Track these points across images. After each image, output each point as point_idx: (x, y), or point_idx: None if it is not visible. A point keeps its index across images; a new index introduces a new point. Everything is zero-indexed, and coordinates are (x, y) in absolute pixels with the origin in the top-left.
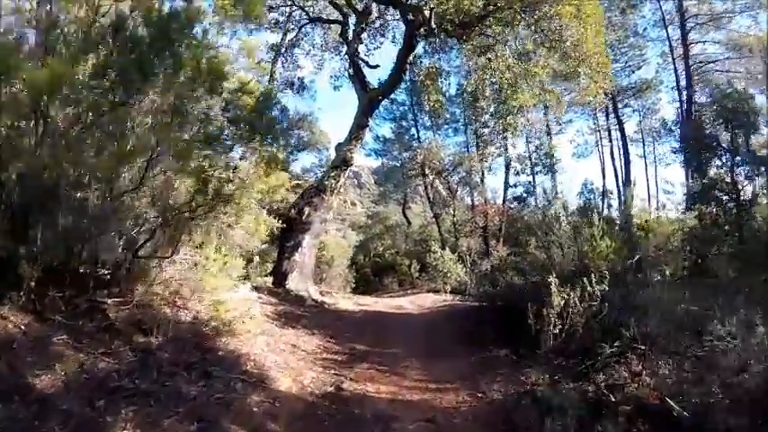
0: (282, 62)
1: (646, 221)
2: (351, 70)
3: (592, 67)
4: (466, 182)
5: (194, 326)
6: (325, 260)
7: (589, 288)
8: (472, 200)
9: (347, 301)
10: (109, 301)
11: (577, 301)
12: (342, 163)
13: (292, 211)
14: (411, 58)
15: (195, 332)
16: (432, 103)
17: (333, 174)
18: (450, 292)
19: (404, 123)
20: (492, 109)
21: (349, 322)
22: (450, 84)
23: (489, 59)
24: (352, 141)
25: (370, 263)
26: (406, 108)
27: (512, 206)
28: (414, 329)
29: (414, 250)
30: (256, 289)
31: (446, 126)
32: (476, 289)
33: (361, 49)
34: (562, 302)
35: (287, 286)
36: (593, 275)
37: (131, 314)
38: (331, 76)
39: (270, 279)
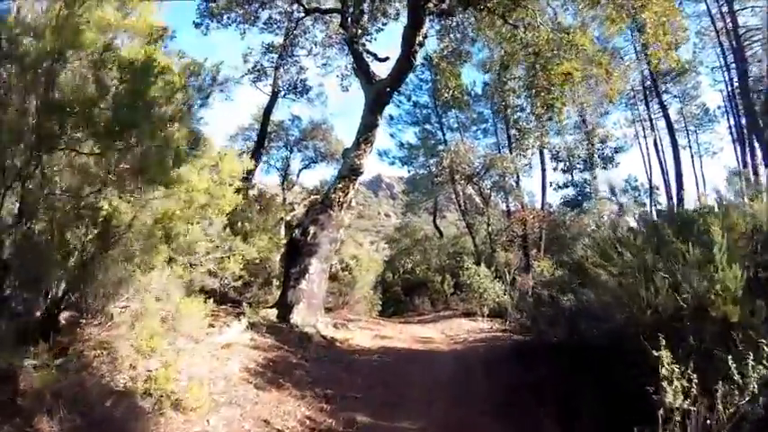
0: (283, 64)
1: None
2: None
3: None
4: (500, 186)
5: (126, 398)
6: (347, 281)
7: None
8: (507, 206)
9: (366, 334)
10: (26, 363)
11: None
12: (350, 172)
13: (296, 231)
14: (420, 38)
15: (128, 409)
16: (451, 91)
17: (340, 185)
18: (488, 316)
19: (428, 127)
20: (524, 84)
21: (358, 370)
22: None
23: (516, 26)
24: (360, 146)
25: (400, 280)
26: (429, 110)
27: (552, 209)
28: (439, 381)
29: (447, 264)
30: (252, 327)
31: (474, 127)
32: (518, 313)
33: (366, 40)
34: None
35: (291, 321)
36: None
37: (46, 383)
38: (337, 76)
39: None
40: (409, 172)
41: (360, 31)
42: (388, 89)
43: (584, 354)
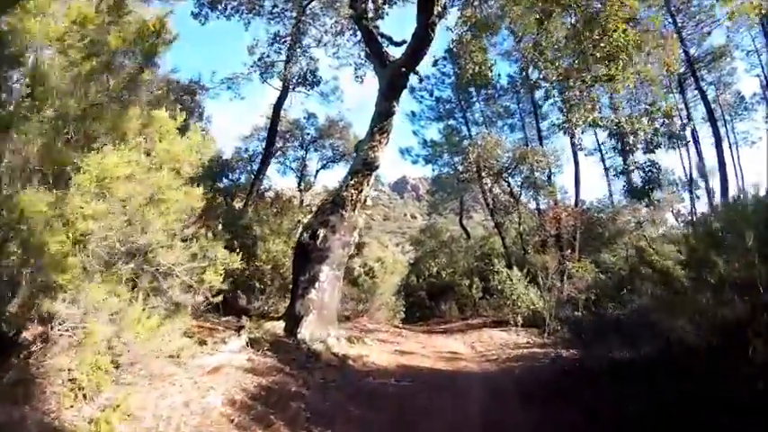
0: (292, 56)
1: None
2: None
3: None
4: (531, 182)
5: None
6: (366, 287)
7: None
8: (537, 204)
9: (384, 349)
10: None
11: None
12: (363, 166)
13: (304, 235)
14: (439, 7)
15: None
16: (476, 67)
17: (352, 182)
18: (522, 326)
19: (452, 123)
20: (569, 47)
21: (369, 399)
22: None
23: None
24: (374, 136)
25: (425, 284)
26: (452, 105)
27: (587, 206)
28: (469, 416)
29: (475, 267)
30: (253, 343)
31: (500, 123)
32: (557, 323)
33: (379, 15)
34: None
35: (299, 335)
36: None
37: None
38: (350, 64)
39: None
40: (433, 171)
41: (370, 6)
42: (404, 69)
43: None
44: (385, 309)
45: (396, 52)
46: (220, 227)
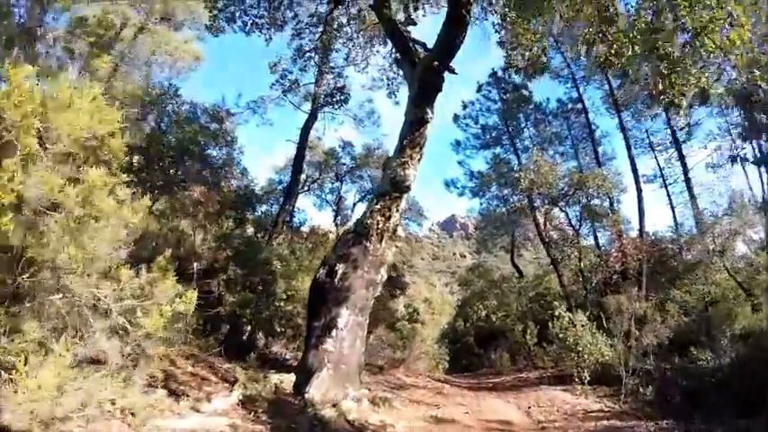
0: (318, 73)
1: None
2: (394, 50)
3: None
4: (591, 211)
5: None
6: (405, 333)
7: None
8: (595, 236)
9: (416, 414)
10: None
11: None
12: (391, 187)
13: (320, 271)
14: None
15: None
16: (526, 52)
17: (378, 206)
18: (590, 383)
19: (499, 151)
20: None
21: None
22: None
23: None
24: (404, 151)
25: (473, 329)
26: (499, 131)
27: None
28: None
29: (529, 310)
30: (247, 403)
31: (550, 150)
32: (636, 382)
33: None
34: None
35: (307, 395)
36: None
37: None
38: (381, 80)
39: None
40: (481, 204)
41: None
42: (436, 63)
43: None
44: (426, 357)
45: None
46: (232, 262)
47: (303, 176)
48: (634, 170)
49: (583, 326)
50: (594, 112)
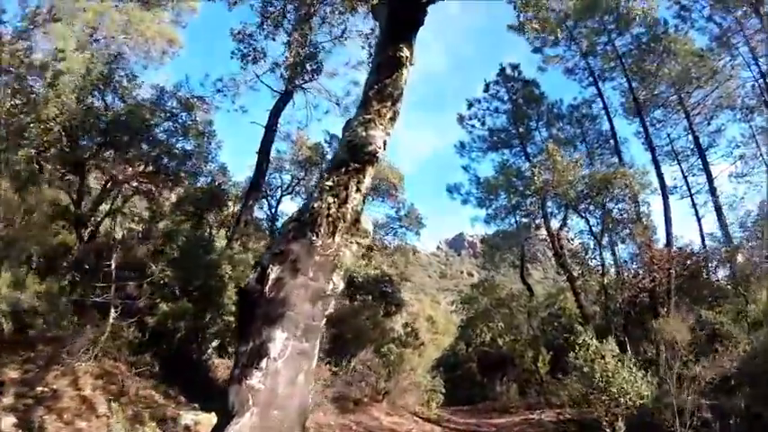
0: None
1: None
2: None
3: None
4: (618, 218)
5: None
6: (394, 358)
7: None
8: (613, 249)
9: None
10: None
11: None
12: (350, 155)
13: (250, 276)
14: None
15: None
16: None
17: (329, 184)
18: None
19: (506, 155)
20: None
21: None
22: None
23: None
24: (370, 105)
25: (476, 354)
26: (509, 133)
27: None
28: None
29: (542, 333)
30: None
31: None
32: None
33: None
34: None
35: None
36: None
37: None
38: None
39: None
40: (488, 213)
41: None
42: None
43: None
44: (416, 390)
45: None
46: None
47: (288, 177)
48: (659, 175)
49: (614, 357)
50: (612, 112)
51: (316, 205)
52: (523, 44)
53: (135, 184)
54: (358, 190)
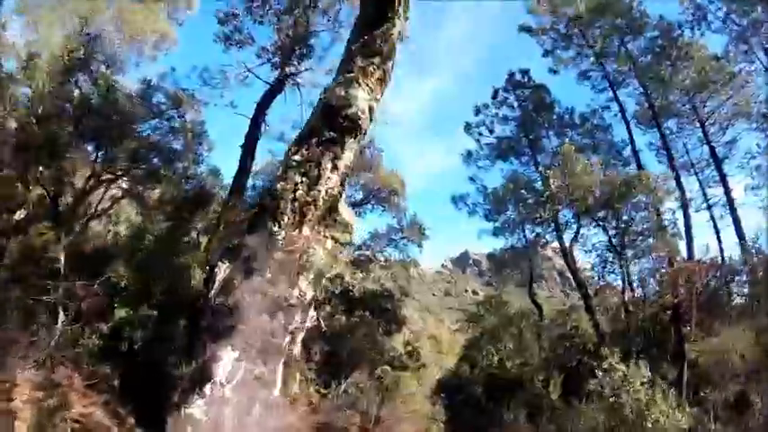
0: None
1: None
2: None
3: None
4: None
5: None
6: (389, 382)
7: None
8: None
9: None
10: None
11: None
12: (324, 120)
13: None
14: None
15: None
16: None
17: (296, 158)
18: None
19: (515, 165)
20: None
21: None
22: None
23: None
24: (352, 62)
25: (482, 378)
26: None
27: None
28: None
29: (554, 355)
30: None
31: None
32: None
33: None
34: None
35: None
36: None
37: None
38: None
39: None
40: (496, 227)
41: None
42: None
43: None
44: (414, 417)
45: None
46: None
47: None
48: (679, 184)
49: (643, 384)
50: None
51: (279, 186)
52: (535, 55)
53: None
54: (335, 168)
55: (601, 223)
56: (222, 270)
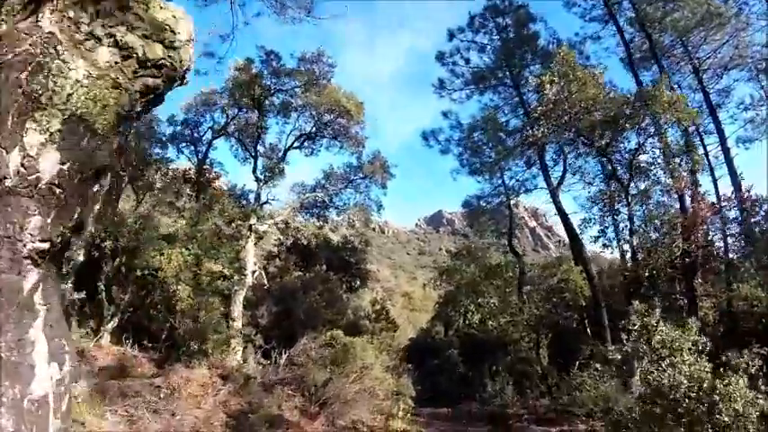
0: None
1: None
2: None
3: None
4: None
5: None
6: (340, 350)
7: None
8: (628, 201)
9: None
10: None
11: None
12: None
13: None
14: None
15: None
16: None
17: None
18: None
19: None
20: None
21: None
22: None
23: None
24: None
25: (457, 339)
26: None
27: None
28: None
29: (540, 311)
30: None
31: None
32: None
33: None
34: None
35: None
36: None
37: None
38: None
39: None
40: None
41: None
42: None
43: None
44: (373, 396)
45: None
46: None
47: (217, 113)
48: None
49: (692, 352)
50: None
51: None
52: None
53: None
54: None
55: (604, 152)
56: None
